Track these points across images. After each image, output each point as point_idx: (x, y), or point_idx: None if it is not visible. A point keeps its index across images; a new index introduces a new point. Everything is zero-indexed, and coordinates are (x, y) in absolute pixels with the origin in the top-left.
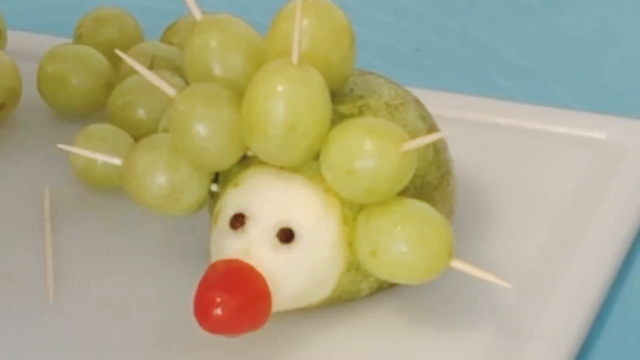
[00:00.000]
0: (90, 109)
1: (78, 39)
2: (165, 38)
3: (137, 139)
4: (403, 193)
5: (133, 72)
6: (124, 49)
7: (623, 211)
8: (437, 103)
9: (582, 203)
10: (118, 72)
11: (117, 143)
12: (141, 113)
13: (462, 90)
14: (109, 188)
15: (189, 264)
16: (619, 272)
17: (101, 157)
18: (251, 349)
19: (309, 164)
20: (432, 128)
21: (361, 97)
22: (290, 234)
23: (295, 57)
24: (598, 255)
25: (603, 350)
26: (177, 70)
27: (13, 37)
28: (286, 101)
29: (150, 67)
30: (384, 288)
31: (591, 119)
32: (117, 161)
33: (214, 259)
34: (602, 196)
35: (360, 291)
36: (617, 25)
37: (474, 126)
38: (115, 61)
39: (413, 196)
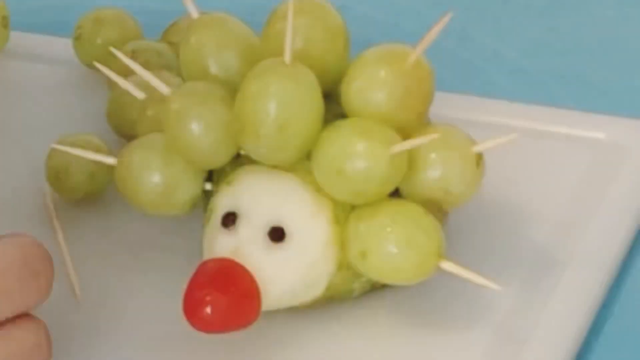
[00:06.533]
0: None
1: (78, 39)
2: (165, 38)
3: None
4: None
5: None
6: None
7: (623, 211)
8: (437, 103)
9: (582, 203)
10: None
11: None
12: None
13: (462, 90)
14: (77, 197)
15: (185, 262)
16: (619, 272)
17: (95, 157)
18: (244, 348)
19: (301, 164)
20: None
21: None
22: (281, 233)
23: (288, 57)
24: (598, 255)
25: (602, 352)
26: (157, 64)
27: (13, 37)
28: (277, 100)
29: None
30: (376, 288)
31: (591, 119)
32: (111, 160)
33: (206, 257)
34: (602, 196)
35: (353, 291)
36: (617, 25)
37: (474, 126)
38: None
39: None
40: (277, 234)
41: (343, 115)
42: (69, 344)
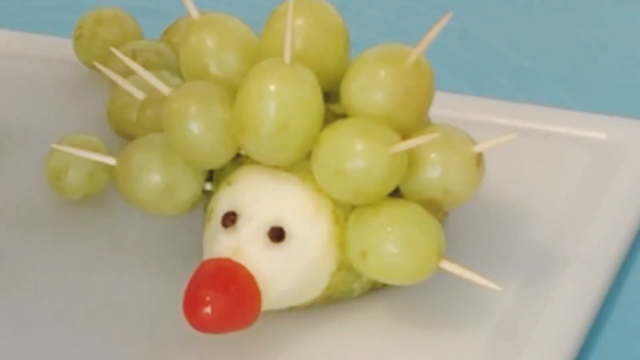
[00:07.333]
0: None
1: (78, 39)
2: (165, 38)
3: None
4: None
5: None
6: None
7: (623, 211)
8: (437, 103)
9: (582, 203)
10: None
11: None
12: None
13: (462, 90)
14: (77, 197)
15: (186, 263)
16: (619, 272)
17: (95, 157)
18: (244, 348)
19: (301, 164)
20: None
21: None
22: (281, 233)
23: (287, 57)
24: (598, 255)
25: (602, 352)
26: (157, 64)
27: (12, 37)
28: (277, 100)
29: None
30: (377, 288)
31: (591, 119)
32: (111, 160)
33: (206, 257)
34: (602, 196)
35: (353, 291)
36: (617, 25)
37: (474, 126)
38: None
39: None
40: (276, 234)
41: (343, 115)
42: (69, 344)
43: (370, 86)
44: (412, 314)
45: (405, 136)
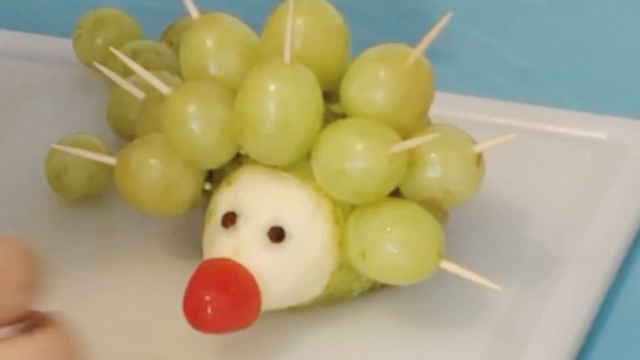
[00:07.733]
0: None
1: (78, 39)
2: (165, 38)
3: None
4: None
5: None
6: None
7: (623, 211)
8: (437, 103)
9: (582, 203)
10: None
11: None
12: None
13: (462, 90)
14: (77, 197)
15: (187, 263)
16: (619, 272)
17: (95, 157)
18: (244, 348)
19: (301, 163)
20: None
21: None
22: (280, 233)
23: (287, 57)
24: (598, 255)
25: (602, 352)
26: (157, 64)
27: (13, 37)
28: (277, 101)
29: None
30: (377, 288)
31: (591, 119)
32: (111, 160)
33: (206, 257)
34: (602, 196)
35: (352, 291)
36: (617, 25)
37: (474, 126)
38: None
39: None
40: (276, 234)
41: (343, 115)
42: None
43: (370, 86)
44: (412, 314)
45: (405, 136)
